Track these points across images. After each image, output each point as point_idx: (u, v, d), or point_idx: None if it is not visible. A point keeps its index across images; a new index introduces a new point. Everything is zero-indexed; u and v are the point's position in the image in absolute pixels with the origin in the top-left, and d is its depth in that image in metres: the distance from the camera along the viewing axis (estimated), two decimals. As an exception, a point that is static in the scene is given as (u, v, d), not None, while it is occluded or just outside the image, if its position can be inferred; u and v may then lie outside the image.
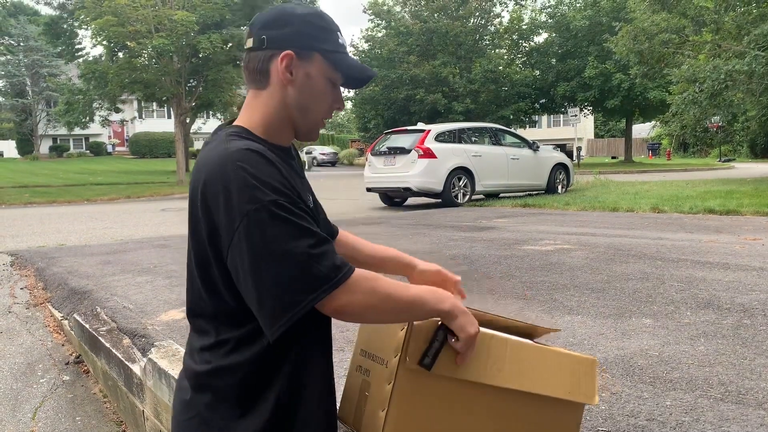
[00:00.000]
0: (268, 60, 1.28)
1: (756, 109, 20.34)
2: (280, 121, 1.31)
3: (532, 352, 1.43)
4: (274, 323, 1.13)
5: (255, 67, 1.30)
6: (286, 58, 1.27)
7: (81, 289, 5.16)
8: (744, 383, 2.48)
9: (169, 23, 22.68)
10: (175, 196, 19.83)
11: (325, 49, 1.30)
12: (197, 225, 1.23)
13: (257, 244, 1.12)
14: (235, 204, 1.13)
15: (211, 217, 1.18)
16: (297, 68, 1.28)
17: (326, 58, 1.30)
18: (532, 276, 4.82)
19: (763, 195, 10.97)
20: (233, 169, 1.15)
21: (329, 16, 1.35)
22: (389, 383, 1.31)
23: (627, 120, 38.83)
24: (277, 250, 1.12)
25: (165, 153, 47.55)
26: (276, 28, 1.29)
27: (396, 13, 38.10)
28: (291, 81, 1.28)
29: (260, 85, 1.30)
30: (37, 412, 3.61)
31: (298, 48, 1.27)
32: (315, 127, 1.36)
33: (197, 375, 1.29)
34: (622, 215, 9.23)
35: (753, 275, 4.50)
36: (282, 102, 1.30)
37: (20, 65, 48.16)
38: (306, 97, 1.30)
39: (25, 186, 23.47)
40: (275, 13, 1.31)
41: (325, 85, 1.32)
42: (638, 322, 3.42)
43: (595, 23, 32.49)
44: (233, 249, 1.14)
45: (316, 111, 1.33)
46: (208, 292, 1.25)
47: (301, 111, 1.31)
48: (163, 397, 2.95)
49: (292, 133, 1.34)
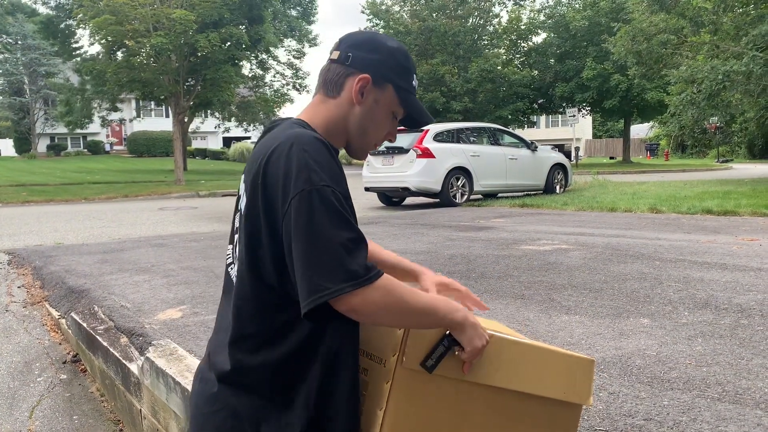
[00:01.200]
0: (346, 76, 1.38)
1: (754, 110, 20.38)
2: (337, 131, 1.39)
3: (530, 351, 1.43)
4: (305, 298, 1.17)
5: (332, 78, 1.39)
6: (362, 81, 1.36)
7: (78, 288, 5.15)
8: (741, 383, 2.48)
9: (167, 22, 22.63)
10: (173, 195, 19.80)
11: (399, 85, 1.41)
12: (253, 202, 1.27)
13: (303, 222, 1.17)
14: (292, 180, 1.19)
15: (270, 192, 1.24)
16: (369, 92, 1.38)
17: (398, 93, 1.41)
18: (530, 276, 4.83)
19: (760, 196, 10.98)
20: (298, 150, 1.22)
21: (412, 58, 1.46)
22: (387, 382, 1.32)
23: (625, 120, 38.85)
24: (319, 233, 1.17)
25: (163, 152, 47.48)
26: (364, 51, 1.39)
27: (394, 13, 38.09)
28: (360, 102, 1.38)
29: (330, 94, 1.39)
30: (34, 410, 3.60)
31: (376, 75, 1.37)
32: (367, 148, 1.45)
33: (227, 371, 1.32)
34: (620, 215, 9.24)
35: (750, 276, 4.51)
36: (345, 116, 1.39)
37: (18, 63, 48.04)
38: (368, 120, 1.40)
39: (23, 184, 23.42)
40: (368, 38, 1.43)
41: (387, 116, 1.42)
42: (636, 322, 3.43)
43: (594, 24, 32.47)
44: (285, 221, 1.20)
45: (372, 135, 1.43)
46: (252, 274, 1.29)
47: (360, 131, 1.40)
48: (160, 395, 2.95)
49: (343, 145, 1.43)
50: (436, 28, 34.91)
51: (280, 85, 38.15)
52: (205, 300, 4.41)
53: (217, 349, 1.38)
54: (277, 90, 37.37)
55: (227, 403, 1.31)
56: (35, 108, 49.27)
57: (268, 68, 36.96)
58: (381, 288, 1.20)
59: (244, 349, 1.31)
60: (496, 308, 3.87)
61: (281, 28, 37.18)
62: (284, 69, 38.72)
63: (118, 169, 34.17)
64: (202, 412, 1.35)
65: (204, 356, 1.46)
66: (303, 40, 40.56)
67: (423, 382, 1.33)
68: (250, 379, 1.30)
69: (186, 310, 4.18)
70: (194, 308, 4.18)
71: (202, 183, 23.89)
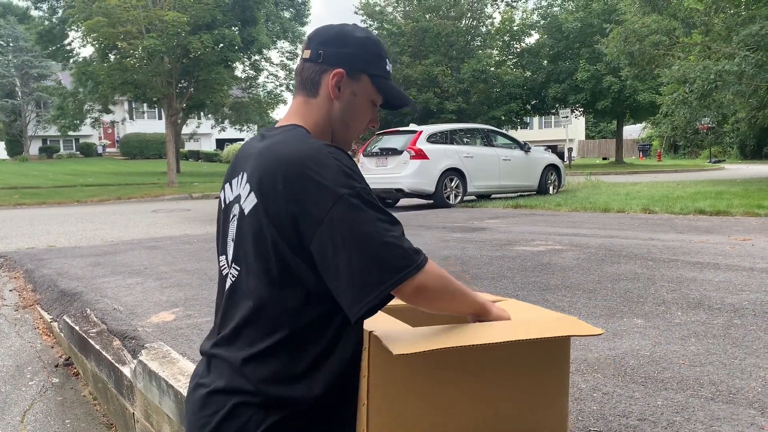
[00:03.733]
0: (320, 73, 1.41)
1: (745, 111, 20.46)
2: (324, 129, 1.43)
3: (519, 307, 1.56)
4: (361, 299, 1.19)
5: (308, 76, 1.42)
6: (337, 76, 1.39)
7: (71, 291, 5.12)
8: (734, 383, 2.48)
9: (160, 24, 22.57)
10: (166, 197, 19.74)
11: (373, 74, 1.44)
12: (272, 210, 1.26)
13: (351, 225, 1.19)
14: (329, 187, 1.21)
15: (296, 203, 1.23)
16: (345, 86, 1.41)
17: (373, 82, 1.44)
18: (524, 276, 4.83)
19: (752, 196, 11.03)
20: (326, 157, 1.25)
21: (382, 44, 1.49)
22: (363, 404, 1.32)
23: (618, 121, 38.98)
24: (369, 231, 1.20)
25: (156, 154, 47.34)
26: (334, 46, 1.41)
27: (388, 14, 38.11)
28: (338, 96, 1.41)
29: (310, 94, 1.42)
30: (26, 415, 3.58)
31: (349, 68, 1.40)
32: (350, 139, 1.49)
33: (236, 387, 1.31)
34: (613, 216, 9.26)
35: (743, 275, 4.53)
36: (328, 114, 1.42)
37: (9, 66, 47.83)
38: (348, 113, 1.43)
39: (15, 187, 23.30)
40: (336, 32, 1.44)
41: (366, 105, 1.46)
42: (629, 323, 3.43)
43: (586, 25, 32.57)
44: (323, 229, 1.20)
45: (355, 126, 1.47)
46: (268, 280, 1.29)
47: (343, 125, 1.44)
48: (153, 399, 2.93)
49: (330, 140, 1.44)
50: (429, 28, 34.95)
51: (273, 87, 38.19)
52: (199, 302, 4.39)
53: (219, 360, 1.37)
54: (270, 91, 37.35)
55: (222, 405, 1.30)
56: (27, 110, 49.05)
57: (261, 70, 36.95)
58: (431, 268, 1.26)
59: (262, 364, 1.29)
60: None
61: (274, 29, 37.13)
62: (277, 70, 38.80)
63: (110, 171, 34.05)
64: (197, 417, 1.35)
65: (201, 361, 1.45)
66: (296, 42, 40.55)
67: (401, 399, 1.32)
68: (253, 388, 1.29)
69: (179, 312, 4.16)
70: (187, 311, 4.16)
71: (195, 185, 23.84)
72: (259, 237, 1.29)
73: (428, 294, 1.26)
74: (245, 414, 1.28)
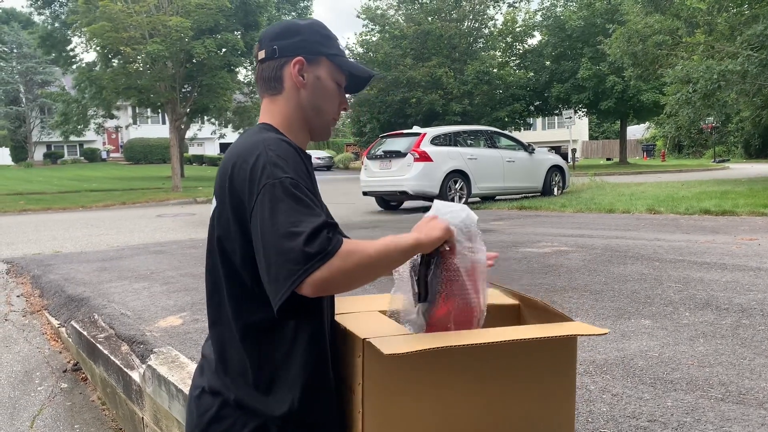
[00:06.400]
0: (281, 68, 1.41)
1: (750, 110, 20.39)
2: (298, 122, 1.43)
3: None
4: (278, 291, 1.17)
5: (269, 75, 1.42)
6: (298, 64, 1.40)
7: (78, 297, 5.14)
8: (744, 383, 2.48)
9: (163, 29, 22.65)
10: (171, 202, 19.77)
11: (330, 53, 1.44)
12: (223, 207, 1.31)
13: (268, 214, 1.19)
14: (256, 179, 1.22)
15: (237, 193, 1.26)
16: (308, 72, 1.41)
17: (332, 61, 1.44)
18: (530, 278, 4.83)
19: (758, 195, 11.00)
20: (263, 151, 1.26)
21: (328, 26, 1.50)
22: (358, 412, 1.31)
23: (621, 122, 38.89)
24: (280, 222, 1.18)
25: (160, 159, 47.44)
26: (285, 38, 1.42)
27: (390, 17, 38.14)
28: (303, 84, 1.41)
29: (275, 92, 1.42)
30: (35, 420, 3.59)
31: (307, 54, 1.41)
32: (327, 125, 1.48)
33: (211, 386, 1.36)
34: (618, 217, 9.25)
35: (750, 275, 4.51)
36: (297, 104, 1.42)
37: (14, 72, 48.02)
38: (318, 97, 1.43)
39: (20, 193, 23.37)
40: (283, 26, 1.46)
41: (332, 86, 1.45)
42: (637, 323, 3.43)
43: (589, 24, 32.54)
44: (253, 219, 1.22)
45: (327, 110, 1.45)
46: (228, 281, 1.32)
47: (315, 111, 1.43)
48: (162, 403, 2.94)
49: (307, 135, 1.47)
50: (431, 31, 34.96)
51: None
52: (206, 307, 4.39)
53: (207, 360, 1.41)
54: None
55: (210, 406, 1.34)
56: (31, 117, 49.23)
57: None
58: (341, 254, 1.17)
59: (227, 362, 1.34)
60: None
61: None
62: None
63: (115, 176, 34.15)
64: (191, 417, 1.39)
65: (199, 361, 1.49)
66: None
67: (395, 405, 1.31)
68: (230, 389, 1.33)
69: (186, 317, 4.17)
70: (195, 315, 4.17)
71: (200, 189, 23.87)
72: (215, 240, 1.34)
73: (336, 285, 1.20)
74: (231, 416, 1.31)
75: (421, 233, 1.34)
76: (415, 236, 1.33)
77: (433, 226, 1.36)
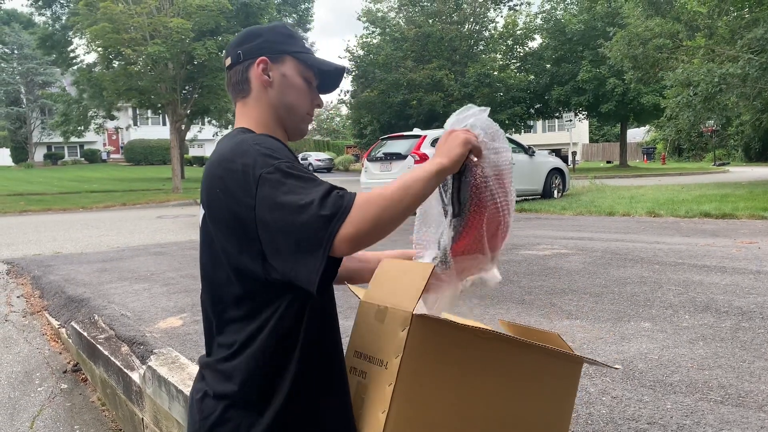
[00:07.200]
0: (246, 70, 1.43)
1: (750, 113, 20.41)
2: (273, 122, 1.43)
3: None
4: (311, 266, 1.16)
5: (236, 79, 1.45)
6: (261, 63, 1.42)
7: (78, 297, 5.14)
8: (744, 386, 2.48)
9: (164, 30, 22.68)
10: (171, 203, 19.78)
11: (294, 51, 1.45)
12: (214, 211, 1.30)
13: (273, 201, 1.18)
14: (250, 172, 1.22)
15: (231, 194, 1.25)
16: (273, 71, 1.43)
17: (297, 58, 1.45)
18: (530, 281, 4.83)
19: (758, 198, 11.01)
20: (249, 147, 1.27)
21: (293, 27, 1.52)
22: (390, 384, 1.31)
23: (621, 124, 38.92)
24: (291, 201, 1.17)
25: (160, 160, 47.46)
26: (248, 42, 1.45)
27: (390, 20, 38.19)
28: (270, 83, 1.42)
29: (244, 95, 1.44)
30: (35, 421, 3.59)
31: (270, 53, 1.43)
32: (301, 122, 1.48)
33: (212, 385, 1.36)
34: (618, 219, 9.25)
35: (750, 278, 4.52)
36: (268, 104, 1.43)
37: (14, 73, 48.06)
38: (286, 95, 1.43)
39: (20, 194, 23.39)
40: (245, 32, 1.49)
41: (301, 83, 1.45)
42: (637, 326, 3.43)
43: (589, 28, 32.58)
44: (258, 213, 1.20)
45: (299, 106, 1.45)
46: (237, 277, 1.30)
47: (286, 108, 1.44)
48: (162, 404, 2.94)
49: (284, 134, 1.45)
50: (432, 34, 35.02)
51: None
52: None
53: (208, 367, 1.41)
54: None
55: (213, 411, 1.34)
56: (32, 117, 49.26)
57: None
58: (357, 206, 1.17)
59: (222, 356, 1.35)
60: (497, 313, 3.88)
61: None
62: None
63: (115, 177, 34.15)
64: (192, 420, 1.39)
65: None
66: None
67: (427, 384, 1.33)
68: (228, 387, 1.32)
69: (187, 318, 4.17)
70: (195, 316, 4.17)
71: (200, 191, 23.86)
72: (210, 246, 1.35)
73: (367, 235, 1.17)
74: (235, 419, 1.30)
75: (442, 156, 1.30)
76: (437, 162, 1.28)
77: (453, 144, 1.31)
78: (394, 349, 1.33)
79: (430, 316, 1.34)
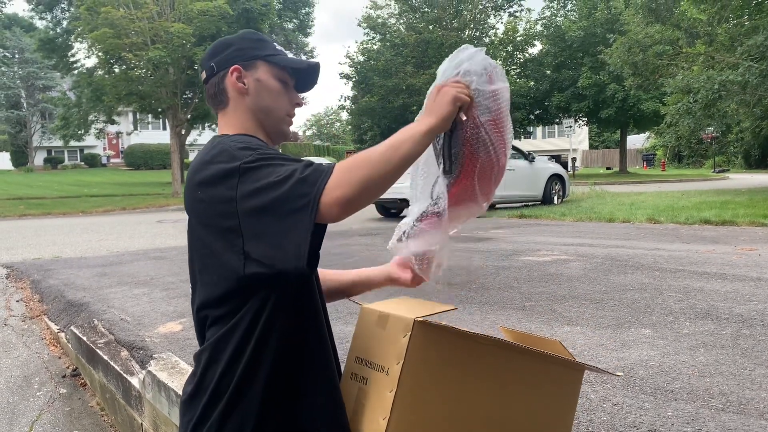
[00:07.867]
0: (222, 81, 1.45)
1: (750, 120, 20.45)
2: (252, 128, 1.44)
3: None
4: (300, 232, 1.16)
5: (213, 91, 1.47)
6: (235, 72, 1.44)
7: (77, 302, 5.13)
8: (745, 393, 2.48)
9: (165, 35, 22.74)
10: (171, 207, 19.78)
11: (265, 55, 1.46)
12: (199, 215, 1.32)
13: (255, 185, 1.19)
14: (229, 167, 1.23)
15: (214, 194, 1.26)
16: (247, 77, 1.44)
17: (269, 62, 1.46)
18: (530, 287, 4.83)
19: (758, 205, 11.01)
20: (226, 146, 1.29)
21: (260, 32, 1.54)
22: (391, 390, 1.32)
23: (621, 131, 38.96)
24: (272, 181, 1.18)
25: (160, 164, 47.47)
26: (219, 53, 1.47)
27: (391, 26, 38.27)
28: (245, 90, 1.44)
29: (223, 105, 1.46)
30: (33, 425, 3.58)
31: (242, 61, 1.44)
32: (282, 124, 1.48)
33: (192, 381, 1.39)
34: (618, 226, 9.25)
35: (750, 285, 4.52)
36: (246, 110, 1.44)
37: (15, 77, 48.12)
38: (263, 99, 1.44)
39: (20, 198, 23.39)
40: (216, 43, 1.51)
41: (276, 86, 1.46)
42: (637, 333, 3.43)
43: (589, 34, 32.66)
44: (240, 205, 1.21)
45: (277, 109, 1.46)
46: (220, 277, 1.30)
47: (264, 112, 1.45)
48: (162, 409, 2.93)
49: (266, 138, 1.46)
50: (432, 40, 35.07)
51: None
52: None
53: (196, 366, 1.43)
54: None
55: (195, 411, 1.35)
56: (32, 121, 49.30)
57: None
58: (344, 168, 1.18)
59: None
60: (497, 320, 3.87)
61: (278, 40, 37.16)
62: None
63: (115, 181, 34.17)
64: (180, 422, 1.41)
65: None
66: (299, 53, 40.73)
67: (428, 389, 1.34)
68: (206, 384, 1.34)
69: (186, 323, 4.16)
70: (194, 321, 4.16)
71: (200, 195, 23.87)
72: (197, 250, 1.36)
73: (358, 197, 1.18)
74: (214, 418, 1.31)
75: (431, 115, 1.29)
76: (426, 122, 1.28)
77: (442, 102, 1.30)
78: (396, 355, 1.33)
79: (432, 322, 1.34)
